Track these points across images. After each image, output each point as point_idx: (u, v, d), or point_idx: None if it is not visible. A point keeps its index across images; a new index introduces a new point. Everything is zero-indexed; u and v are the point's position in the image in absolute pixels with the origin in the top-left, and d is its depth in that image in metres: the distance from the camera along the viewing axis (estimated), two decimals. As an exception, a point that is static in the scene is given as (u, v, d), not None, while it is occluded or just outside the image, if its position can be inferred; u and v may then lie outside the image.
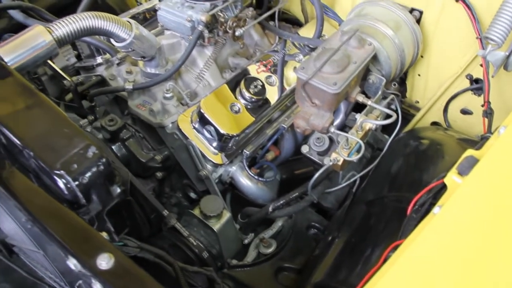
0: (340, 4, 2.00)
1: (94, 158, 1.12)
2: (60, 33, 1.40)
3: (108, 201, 1.18)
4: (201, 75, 1.74)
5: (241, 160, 1.71)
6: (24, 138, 1.12)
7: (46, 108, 1.21)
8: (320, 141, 1.72)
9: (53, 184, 1.10)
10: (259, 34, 1.99)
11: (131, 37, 1.56)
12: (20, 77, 1.26)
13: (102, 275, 0.96)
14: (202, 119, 1.60)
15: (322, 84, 1.43)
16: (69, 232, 1.05)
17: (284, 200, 1.63)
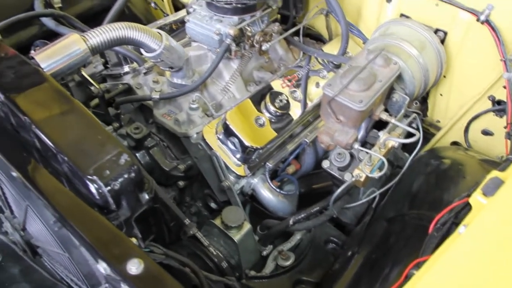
0: (365, 22, 2.03)
1: (126, 165, 1.14)
2: (94, 42, 1.44)
3: (136, 207, 1.20)
4: (226, 87, 1.77)
5: (263, 173, 1.73)
6: (59, 143, 1.15)
7: (81, 115, 1.24)
8: (341, 157, 1.74)
9: (85, 188, 1.12)
10: (284, 49, 2.02)
11: (161, 48, 1.59)
12: (56, 84, 1.30)
13: (132, 280, 0.98)
14: (227, 130, 1.63)
15: (348, 101, 1.45)
16: (100, 236, 1.07)
17: (304, 213, 1.65)
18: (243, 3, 1.75)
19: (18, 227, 1.56)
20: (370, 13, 1.99)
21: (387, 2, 1.89)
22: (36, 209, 1.36)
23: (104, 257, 1.03)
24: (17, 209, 1.50)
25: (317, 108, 1.81)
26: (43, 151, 1.23)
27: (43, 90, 1.29)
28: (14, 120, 1.30)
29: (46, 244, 1.47)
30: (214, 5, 1.79)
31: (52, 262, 1.63)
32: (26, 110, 1.21)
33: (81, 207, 1.13)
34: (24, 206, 1.40)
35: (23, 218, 1.48)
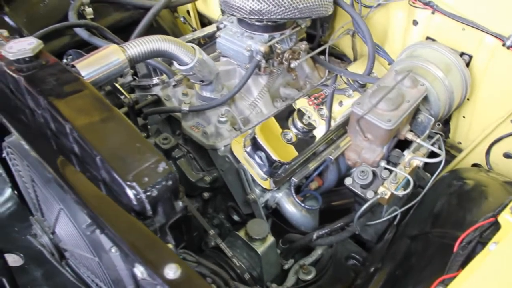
0: (390, 43, 2.07)
1: (164, 173, 1.17)
2: (132, 53, 1.48)
3: (171, 215, 1.23)
4: (255, 102, 1.81)
5: (287, 187, 1.76)
6: (99, 148, 1.18)
7: (120, 122, 1.27)
8: (364, 175, 1.76)
9: (123, 194, 1.15)
10: (310, 67, 2.07)
11: (194, 62, 1.64)
12: (96, 91, 1.34)
13: (169, 284, 1.00)
14: (255, 144, 1.66)
15: (377, 120, 1.49)
16: (138, 240, 1.10)
17: (328, 229, 1.68)
18: (274, 22, 1.80)
19: (48, 230, 1.60)
20: (396, 35, 2.03)
21: (414, 25, 1.93)
22: (69, 212, 1.40)
23: (141, 261, 1.05)
24: (48, 212, 1.54)
25: (341, 127, 1.84)
26: (82, 156, 1.26)
27: (84, 97, 1.33)
28: (54, 126, 1.33)
29: (76, 247, 1.50)
30: (246, 22, 1.84)
31: (78, 266, 1.66)
32: (67, 116, 1.25)
33: (118, 212, 1.16)
34: (57, 209, 1.44)
35: (54, 221, 1.52)
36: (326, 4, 1.79)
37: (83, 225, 1.39)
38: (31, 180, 1.51)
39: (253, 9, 1.70)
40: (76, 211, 1.40)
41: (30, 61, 1.43)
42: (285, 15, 1.72)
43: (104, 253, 1.43)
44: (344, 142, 1.87)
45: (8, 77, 1.47)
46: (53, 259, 1.66)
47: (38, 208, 1.58)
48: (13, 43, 1.45)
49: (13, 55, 1.40)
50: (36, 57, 1.44)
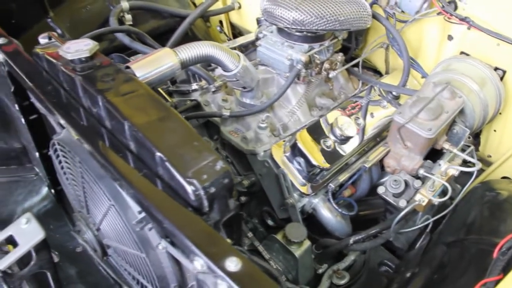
0: (423, 57, 2.12)
1: (222, 172, 1.22)
2: (183, 57, 1.54)
3: (225, 212, 1.27)
4: (293, 110, 1.86)
5: (323, 193, 1.80)
6: (159, 146, 1.23)
7: (177, 121, 1.33)
8: (396, 184, 1.80)
9: (182, 190, 1.20)
10: (345, 78, 2.12)
11: (238, 68, 1.69)
12: (152, 92, 1.39)
13: (231, 277, 1.04)
14: (295, 150, 1.71)
15: (418, 128, 1.54)
16: (197, 234, 1.14)
17: (364, 234, 1.72)
18: (313, 32, 1.86)
19: (93, 227, 1.64)
20: (429, 50, 2.08)
21: (449, 39, 1.98)
22: (120, 209, 1.44)
23: (202, 254, 1.09)
24: (95, 209, 1.58)
25: (372, 140, 1.90)
26: (138, 153, 1.31)
27: (141, 96, 1.38)
28: (110, 124, 1.39)
29: (121, 244, 1.54)
30: (286, 32, 1.89)
31: (119, 263, 1.70)
32: (126, 114, 1.30)
33: (176, 207, 1.20)
34: (106, 206, 1.48)
35: (101, 218, 1.56)
36: (366, 17, 1.85)
37: (132, 222, 1.43)
38: (81, 177, 1.55)
39: (296, 19, 1.76)
40: (126, 208, 1.44)
41: (86, 62, 1.49)
42: (326, 26, 1.78)
43: (151, 250, 1.48)
44: (377, 153, 1.92)
45: (63, 77, 1.52)
46: (96, 255, 1.69)
47: (85, 205, 1.62)
48: (70, 44, 1.51)
49: (71, 55, 1.46)
50: (91, 58, 1.49)
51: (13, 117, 2.15)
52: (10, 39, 1.77)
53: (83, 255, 2.16)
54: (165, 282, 1.55)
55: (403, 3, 1.95)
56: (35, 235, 1.55)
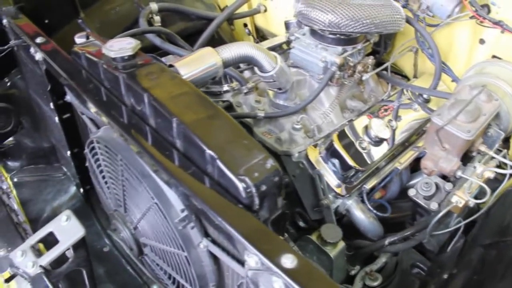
0: (452, 61, 2.13)
1: (272, 169, 1.23)
2: (225, 56, 1.55)
3: (274, 210, 1.28)
4: (327, 112, 1.87)
5: (357, 195, 1.81)
6: (209, 143, 1.24)
7: (226, 120, 1.33)
8: (428, 186, 1.81)
9: (233, 188, 1.20)
10: (375, 81, 2.13)
11: (276, 69, 1.71)
12: (198, 90, 1.40)
13: (287, 273, 1.04)
14: (331, 151, 1.72)
15: (457, 130, 1.54)
16: (251, 231, 1.14)
17: (399, 236, 1.72)
18: (347, 35, 1.87)
19: (130, 225, 1.64)
20: (460, 53, 2.09)
21: (480, 43, 2.00)
22: (163, 207, 1.44)
23: (257, 250, 1.09)
24: (134, 207, 1.58)
25: (401, 145, 1.91)
26: (186, 151, 1.32)
27: (187, 94, 1.39)
28: (156, 121, 1.39)
29: (161, 243, 1.54)
30: (319, 35, 1.91)
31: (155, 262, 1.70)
32: (174, 112, 1.31)
33: (228, 204, 1.21)
34: (148, 204, 1.48)
35: (140, 216, 1.56)
36: (399, 21, 1.86)
37: (175, 220, 1.44)
38: (121, 175, 1.56)
39: (331, 22, 1.77)
40: (169, 206, 1.45)
41: (128, 60, 1.50)
42: (361, 29, 1.79)
43: (193, 248, 1.48)
44: (408, 155, 1.93)
45: (105, 75, 1.53)
46: (132, 253, 1.70)
47: (123, 203, 1.62)
48: (113, 42, 1.52)
49: (114, 53, 1.47)
50: (134, 57, 1.50)
51: (44, 117, 2.16)
52: (48, 38, 1.78)
53: (110, 255, 2.17)
54: (204, 281, 1.56)
55: (435, 7, 1.97)
56: (76, 232, 1.56)
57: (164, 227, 1.48)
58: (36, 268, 1.49)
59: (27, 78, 2.16)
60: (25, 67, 2.10)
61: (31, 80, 2.10)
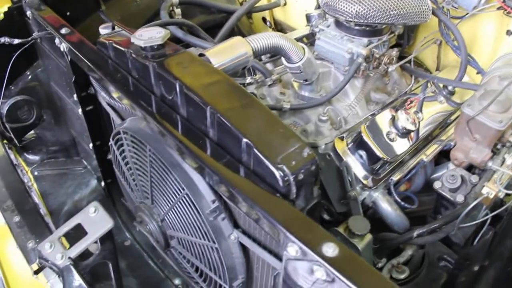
0: (477, 53, 2.10)
1: (309, 158, 1.21)
2: (255, 46, 1.54)
3: (310, 200, 1.26)
4: (353, 104, 1.86)
5: (383, 187, 1.79)
6: (245, 132, 1.22)
7: (261, 109, 1.32)
8: (453, 179, 1.79)
9: (270, 177, 1.19)
10: (398, 73, 2.11)
11: (303, 60, 1.69)
12: (231, 79, 1.39)
13: (329, 262, 1.02)
14: (359, 143, 1.70)
15: (488, 120, 1.53)
16: (290, 220, 1.12)
17: (428, 228, 1.70)
18: (373, 27, 1.85)
19: (157, 217, 1.63)
20: (484, 45, 2.08)
21: (507, 35, 1.98)
22: (194, 198, 1.43)
23: (298, 239, 1.07)
24: (162, 198, 1.57)
25: (424, 140, 1.90)
26: (219, 140, 1.30)
27: (220, 83, 1.38)
28: (187, 111, 1.38)
29: (189, 235, 1.53)
30: (344, 26, 1.89)
31: (182, 255, 1.69)
32: (208, 100, 1.30)
33: (265, 193, 1.19)
34: (178, 195, 1.47)
35: (168, 207, 1.55)
36: (426, 12, 1.85)
37: (206, 211, 1.43)
38: (149, 166, 1.55)
39: (358, 12, 1.75)
40: (199, 197, 1.44)
41: (158, 49, 1.49)
42: (388, 20, 1.77)
43: (223, 240, 1.47)
44: (433, 148, 1.92)
45: (133, 64, 1.52)
46: (158, 246, 1.68)
47: (150, 195, 1.61)
48: (142, 32, 1.51)
49: (144, 42, 1.46)
50: (163, 46, 1.49)
51: (65, 110, 2.15)
52: (73, 29, 1.77)
53: (131, 249, 2.16)
54: (234, 274, 1.54)
55: (461, -2, 1.96)
56: (104, 224, 1.55)
57: (193, 218, 1.47)
58: (65, 260, 1.49)
59: (49, 71, 2.15)
60: (48, 60, 2.09)
61: (54, 73, 2.09)
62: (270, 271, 1.49)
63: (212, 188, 1.42)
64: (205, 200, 1.43)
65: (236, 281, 1.55)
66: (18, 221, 1.72)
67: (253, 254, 1.52)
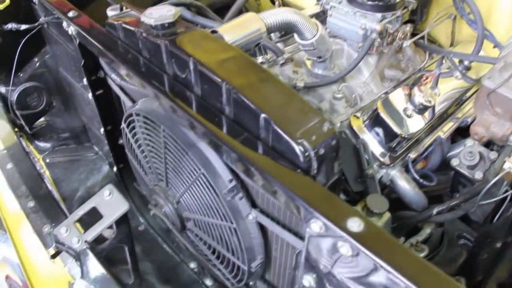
0: (492, 27, 2.06)
1: (330, 133, 1.18)
2: (268, 22, 1.50)
3: (331, 176, 1.23)
4: (367, 81, 1.82)
5: (401, 165, 1.76)
6: (263, 107, 1.19)
7: (277, 83, 1.29)
8: (471, 156, 1.77)
9: (290, 152, 1.16)
10: (412, 50, 2.07)
11: (317, 37, 1.66)
12: (246, 55, 1.35)
13: (354, 237, 1.00)
14: (376, 119, 1.67)
15: (510, 93, 1.49)
16: (313, 195, 1.10)
17: (447, 205, 1.67)
18: (386, 1, 1.81)
19: (172, 199, 1.61)
20: (501, 19, 2.03)
21: (524, 8, 1.94)
22: (211, 177, 1.40)
23: (321, 214, 1.04)
24: (178, 180, 1.54)
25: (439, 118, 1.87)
26: (236, 117, 1.27)
27: (235, 59, 1.34)
28: (201, 88, 1.35)
29: (206, 216, 1.51)
30: (356, 2, 1.85)
31: (198, 237, 1.67)
32: (223, 76, 1.26)
33: (285, 169, 1.16)
34: (194, 175, 1.44)
35: (185, 189, 1.52)
36: (441, -16, 1.81)
37: (223, 191, 1.40)
38: (164, 147, 1.52)
39: (372, -14, 1.72)
40: (216, 176, 1.41)
41: (169, 27, 1.45)
42: (404, -8, 1.74)
43: (241, 220, 1.45)
44: (449, 126, 1.89)
45: (143, 44, 1.49)
46: (174, 229, 1.66)
47: (165, 177, 1.59)
48: (151, 10, 1.48)
49: (155, 21, 1.43)
50: (174, 24, 1.46)
51: (75, 95, 2.13)
52: (80, 12, 1.74)
53: (145, 234, 2.14)
54: (252, 255, 1.52)
55: (476, -30, 1.91)
56: (120, 206, 1.53)
57: (210, 198, 1.45)
58: (82, 243, 1.47)
59: (57, 56, 2.12)
60: (55, 45, 2.06)
61: (62, 58, 2.06)
62: (289, 250, 1.47)
63: (229, 167, 1.39)
64: (222, 180, 1.40)
65: (255, 262, 1.53)
66: (33, 206, 1.70)
67: (272, 234, 1.50)
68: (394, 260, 0.96)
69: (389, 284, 0.96)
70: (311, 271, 1.17)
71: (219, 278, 1.80)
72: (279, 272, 1.59)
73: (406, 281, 0.91)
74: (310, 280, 1.19)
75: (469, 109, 1.95)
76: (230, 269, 1.62)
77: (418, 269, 0.98)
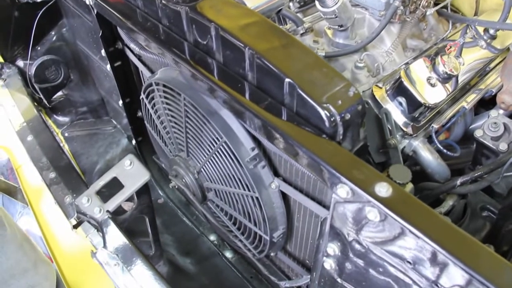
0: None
1: (356, 98, 1.16)
2: (289, -11, 1.47)
3: (356, 142, 1.21)
4: (390, 51, 1.78)
5: (424, 135, 1.73)
6: (287, 72, 1.17)
7: (302, 48, 1.26)
8: (496, 127, 1.73)
9: (315, 117, 1.14)
10: (435, 19, 2.03)
11: (338, 4, 1.62)
12: (269, 20, 1.33)
13: (382, 202, 0.98)
14: (399, 88, 1.63)
15: (539, 59, 1.45)
16: (340, 160, 1.08)
17: (471, 176, 1.64)
18: (409, -33, 1.77)
19: (193, 170, 1.59)
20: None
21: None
22: (233, 145, 1.38)
23: (349, 179, 1.03)
24: (199, 149, 1.53)
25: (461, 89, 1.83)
26: (259, 83, 1.25)
27: (257, 24, 1.32)
28: (223, 54, 1.32)
29: (229, 185, 1.49)
30: (379, -31, 1.81)
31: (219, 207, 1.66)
32: (246, 41, 1.24)
33: (310, 135, 1.14)
34: (216, 144, 1.43)
35: (206, 158, 1.51)
36: None
37: (246, 159, 1.38)
38: (185, 116, 1.50)
39: (395, -49, 1.67)
40: (239, 145, 1.39)
41: (188, -5, 1.42)
42: (426, -42, 1.69)
43: (264, 189, 1.43)
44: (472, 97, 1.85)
45: (163, 12, 1.47)
46: (195, 199, 1.65)
47: (185, 147, 1.57)
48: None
49: (174, -13, 1.40)
50: (192, -9, 1.43)
51: (93, 68, 2.11)
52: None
53: (165, 207, 2.14)
54: (274, 224, 1.51)
55: None
56: (141, 176, 1.52)
57: (232, 167, 1.43)
58: (103, 213, 1.46)
59: (74, 29, 2.11)
60: (72, 17, 2.05)
61: (79, 30, 2.05)
62: (312, 220, 1.45)
63: (251, 135, 1.37)
64: (244, 148, 1.39)
65: (277, 232, 1.52)
66: (54, 177, 1.70)
67: (294, 204, 1.48)
68: (424, 225, 0.94)
69: (417, 248, 0.95)
70: (336, 239, 1.16)
71: (240, 250, 1.80)
72: (301, 242, 1.58)
73: (438, 247, 0.89)
74: (335, 248, 1.17)
75: (493, 80, 1.91)
76: (252, 239, 1.61)
77: (447, 234, 0.95)
